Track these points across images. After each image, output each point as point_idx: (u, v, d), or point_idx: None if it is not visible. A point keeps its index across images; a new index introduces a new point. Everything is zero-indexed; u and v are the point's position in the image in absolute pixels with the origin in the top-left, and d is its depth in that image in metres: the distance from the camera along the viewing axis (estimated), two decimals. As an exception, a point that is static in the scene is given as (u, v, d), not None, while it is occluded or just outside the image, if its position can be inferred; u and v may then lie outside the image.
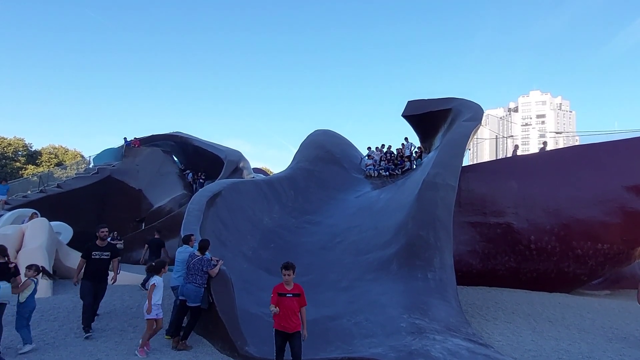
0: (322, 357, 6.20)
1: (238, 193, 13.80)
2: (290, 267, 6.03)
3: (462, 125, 16.21)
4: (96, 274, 7.88)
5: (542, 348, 8.00)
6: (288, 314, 5.79)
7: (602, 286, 18.95)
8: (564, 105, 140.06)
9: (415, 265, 10.31)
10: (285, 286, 6.02)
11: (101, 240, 8.15)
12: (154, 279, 6.99)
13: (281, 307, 5.77)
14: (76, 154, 44.34)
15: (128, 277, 13.97)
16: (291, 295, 5.94)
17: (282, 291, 5.96)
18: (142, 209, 25.31)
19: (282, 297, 5.85)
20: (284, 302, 5.82)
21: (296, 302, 5.91)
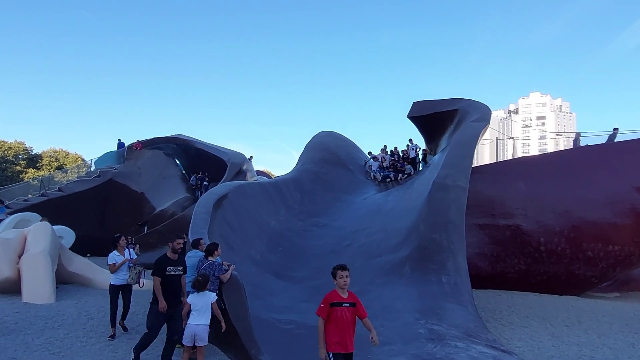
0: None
1: (244, 195, 13.54)
2: (347, 268, 4.93)
3: (471, 125, 15.99)
4: (172, 294, 6.49)
5: (565, 354, 7.73)
6: (346, 328, 4.70)
7: (612, 288, 18.68)
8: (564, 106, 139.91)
9: (429, 269, 10.05)
10: (341, 294, 4.81)
11: (173, 253, 6.76)
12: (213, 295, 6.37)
13: (335, 321, 4.65)
14: (77, 157, 44.07)
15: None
16: (347, 304, 4.77)
17: (337, 300, 4.73)
18: (145, 212, 25.05)
19: (336, 308, 4.68)
20: (338, 314, 4.67)
21: (352, 314, 4.79)
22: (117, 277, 8.15)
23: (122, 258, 8.26)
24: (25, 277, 10.69)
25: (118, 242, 8.44)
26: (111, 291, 8.11)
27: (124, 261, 8.23)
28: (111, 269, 8.11)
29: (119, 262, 8.15)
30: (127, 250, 8.44)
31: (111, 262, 8.17)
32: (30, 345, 6.79)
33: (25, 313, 8.96)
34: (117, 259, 8.19)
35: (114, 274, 8.12)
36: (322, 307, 4.72)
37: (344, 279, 4.82)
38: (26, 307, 9.63)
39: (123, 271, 8.15)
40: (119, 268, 8.17)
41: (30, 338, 7.17)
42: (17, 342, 6.93)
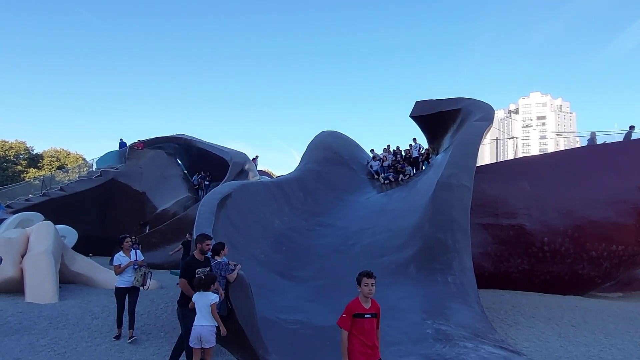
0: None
1: (248, 195, 13.47)
2: (374, 275, 4.56)
3: (474, 125, 15.92)
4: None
5: (573, 355, 7.68)
6: (370, 338, 4.37)
7: (614, 288, 18.63)
8: (564, 106, 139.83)
9: (435, 269, 10.00)
10: (363, 303, 4.47)
11: (201, 254, 6.67)
12: (215, 296, 5.95)
13: (357, 332, 4.32)
14: (78, 157, 44.01)
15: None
16: (370, 316, 4.44)
17: (360, 311, 4.39)
18: (146, 211, 24.98)
19: (359, 320, 4.34)
20: (362, 326, 4.34)
21: (375, 325, 4.50)
22: (123, 279, 7.88)
23: (128, 259, 8.02)
24: (28, 276, 10.64)
25: (123, 243, 8.20)
26: (117, 293, 7.86)
27: (130, 263, 8.00)
28: (116, 271, 7.85)
29: (124, 264, 7.92)
30: (132, 251, 8.22)
31: (116, 263, 7.93)
32: (35, 345, 6.74)
33: (29, 313, 8.90)
34: (123, 261, 7.96)
35: (120, 275, 7.86)
36: (343, 317, 4.35)
37: (369, 287, 4.47)
38: (30, 307, 9.58)
39: (128, 273, 7.89)
40: (125, 270, 7.95)
41: (35, 338, 7.11)
42: (22, 342, 6.88)
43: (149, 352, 6.71)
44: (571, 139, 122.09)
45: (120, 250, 8.07)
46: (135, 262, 8.08)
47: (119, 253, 7.98)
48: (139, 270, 7.97)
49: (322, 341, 7.48)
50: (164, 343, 7.27)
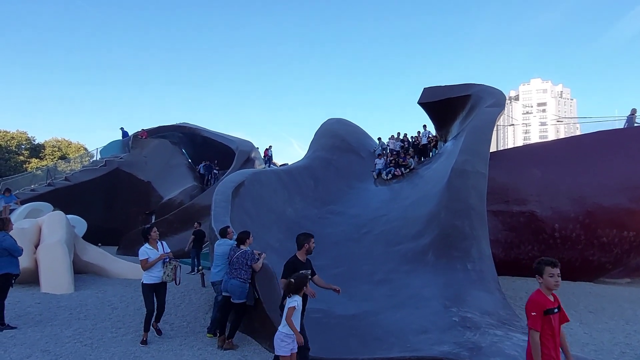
0: (383, 356, 5.79)
1: (260, 183, 13.36)
2: (558, 264, 3.79)
3: (486, 111, 15.76)
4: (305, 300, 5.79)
5: (598, 341, 7.64)
6: (557, 340, 3.68)
7: (622, 274, 18.60)
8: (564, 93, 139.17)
9: (453, 256, 9.91)
10: (547, 296, 3.72)
11: (305, 254, 6.18)
12: (293, 299, 5.17)
13: (550, 333, 3.61)
14: (80, 146, 43.71)
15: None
16: (557, 310, 3.76)
17: (549, 306, 3.67)
18: (152, 201, 24.85)
19: (549, 316, 3.64)
20: (551, 323, 3.64)
21: (560, 322, 3.80)
22: (151, 275, 6.97)
23: (155, 252, 7.09)
24: (43, 267, 10.55)
25: (149, 234, 7.22)
26: (145, 291, 6.99)
27: (161, 257, 7.08)
28: (143, 265, 6.92)
29: (153, 258, 7.00)
30: (159, 243, 7.29)
31: (143, 257, 6.94)
32: (59, 336, 6.66)
33: (47, 304, 8.83)
34: (151, 254, 7.01)
35: (147, 271, 6.97)
36: (534, 316, 3.60)
37: (555, 279, 3.68)
38: (46, 297, 9.50)
39: (157, 267, 6.99)
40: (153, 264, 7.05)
41: (59, 329, 7.03)
42: (46, 333, 6.79)
43: (175, 342, 6.64)
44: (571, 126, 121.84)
45: (146, 242, 7.16)
46: (166, 255, 7.21)
47: (145, 245, 7.05)
48: (169, 264, 7.12)
49: (348, 331, 7.43)
50: (188, 333, 7.20)
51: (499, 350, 5.43)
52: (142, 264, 6.92)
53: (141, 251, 6.95)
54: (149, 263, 6.89)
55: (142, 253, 6.93)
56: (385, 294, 9.25)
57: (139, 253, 6.96)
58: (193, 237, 15.12)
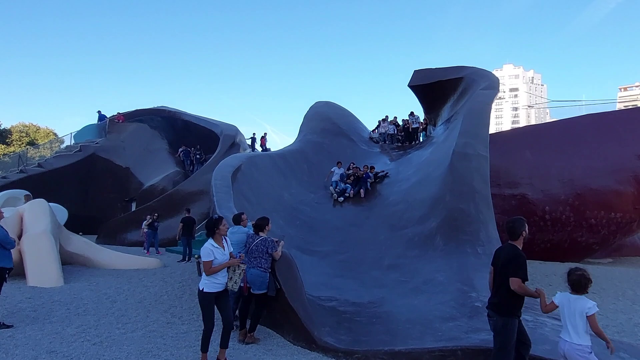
0: (418, 346, 5.50)
1: (256, 168, 12.86)
2: None
3: (482, 94, 15.60)
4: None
5: (618, 323, 7.63)
6: None
7: (604, 254, 19.13)
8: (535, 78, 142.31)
9: (462, 240, 9.74)
10: None
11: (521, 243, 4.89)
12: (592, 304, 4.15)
13: None
14: (49, 132, 41.59)
15: (139, 261, 12.95)
16: None
17: None
18: (132, 188, 23.88)
19: None
20: None
21: None
22: (214, 281, 5.23)
23: (222, 252, 5.32)
24: (28, 259, 9.80)
25: (219, 227, 5.36)
26: (204, 301, 5.25)
27: (232, 263, 5.38)
28: (208, 269, 5.17)
29: (220, 261, 5.25)
30: (224, 239, 5.49)
31: (208, 257, 5.19)
32: (63, 334, 6.08)
33: (38, 298, 8.17)
34: (217, 254, 5.25)
35: (210, 276, 5.22)
36: None
37: None
38: (36, 291, 8.82)
39: (221, 272, 5.29)
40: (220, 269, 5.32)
41: (60, 327, 6.44)
42: (46, 331, 6.20)
43: (191, 337, 6.17)
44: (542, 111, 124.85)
45: (210, 237, 5.36)
46: (240, 260, 5.63)
47: (209, 242, 5.31)
48: (238, 268, 5.55)
49: (369, 319, 7.13)
50: (202, 326, 6.70)
51: (544, 337, 5.24)
52: (206, 267, 5.19)
53: (205, 250, 5.26)
54: (214, 267, 5.19)
55: (206, 252, 5.23)
56: (397, 280, 9.00)
57: (203, 253, 5.26)
58: (182, 224, 14.48)
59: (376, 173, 14.92)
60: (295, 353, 5.78)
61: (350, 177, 14.55)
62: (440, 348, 5.21)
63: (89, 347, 5.61)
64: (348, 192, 13.93)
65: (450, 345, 5.23)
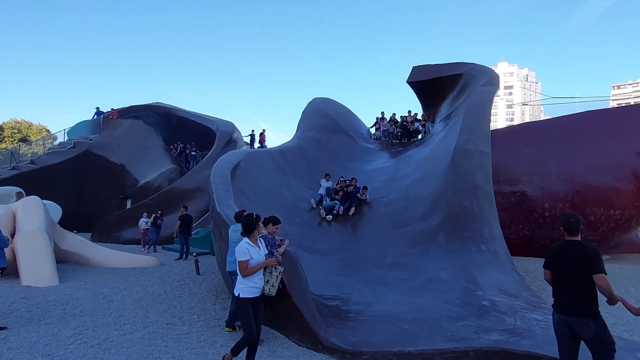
0: (429, 347, 5.33)
1: (255, 164, 12.65)
2: None
3: (482, 90, 15.49)
4: None
5: (625, 321, 7.53)
6: None
7: (602, 252, 19.05)
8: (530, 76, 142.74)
9: (466, 237, 9.62)
10: None
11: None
12: None
13: None
14: (41, 128, 41.01)
15: (135, 259, 12.73)
16: None
17: None
18: (126, 185, 23.55)
19: None
20: None
21: None
22: (251, 285, 4.80)
23: (258, 252, 4.90)
24: (22, 257, 9.54)
25: (257, 225, 5.05)
26: (243, 308, 4.78)
27: (269, 263, 5.01)
28: (244, 270, 4.72)
29: (257, 261, 4.83)
30: (259, 240, 5.12)
31: (244, 257, 4.73)
32: (59, 337, 5.86)
33: (33, 298, 7.93)
34: (253, 254, 4.82)
35: (246, 278, 4.79)
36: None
37: None
38: (30, 291, 8.57)
39: (258, 275, 4.90)
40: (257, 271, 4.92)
41: (56, 328, 6.22)
42: (42, 333, 5.97)
43: (193, 339, 5.97)
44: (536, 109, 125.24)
45: (247, 235, 4.91)
46: (277, 259, 5.26)
47: (245, 240, 4.86)
48: (274, 269, 5.22)
49: (374, 318, 6.96)
50: (204, 327, 6.55)
51: (558, 338, 5.06)
52: (242, 267, 4.72)
53: (241, 249, 4.76)
54: (251, 268, 4.75)
55: (242, 251, 4.74)
56: (400, 278, 8.85)
57: (239, 252, 4.76)
58: (179, 222, 14.25)
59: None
60: (301, 355, 5.61)
61: (338, 193, 12.95)
62: (452, 349, 5.06)
63: (86, 349, 5.40)
64: (337, 209, 12.42)
65: (462, 346, 5.08)
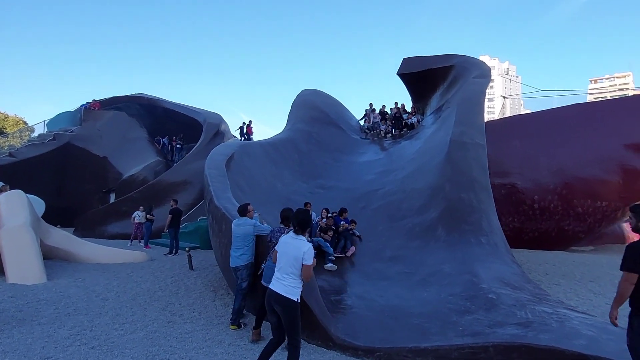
0: (444, 343, 5.22)
1: (249, 157, 12.38)
2: None
3: (474, 82, 15.45)
4: None
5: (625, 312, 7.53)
6: None
7: (586, 242, 19.44)
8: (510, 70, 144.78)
9: (465, 230, 9.57)
10: None
11: None
12: None
13: None
14: (18, 120, 39.57)
15: (124, 254, 12.33)
16: None
17: None
18: (109, 178, 22.91)
19: None
20: None
21: None
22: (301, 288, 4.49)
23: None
24: (7, 254, 9.09)
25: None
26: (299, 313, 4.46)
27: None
28: (310, 274, 4.40)
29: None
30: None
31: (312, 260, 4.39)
32: (55, 338, 5.54)
33: (22, 297, 7.53)
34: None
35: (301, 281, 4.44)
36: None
37: None
38: (18, 289, 8.15)
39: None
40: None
41: (51, 328, 5.89)
42: (37, 334, 5.64)
43: (198, 337, 5.73)
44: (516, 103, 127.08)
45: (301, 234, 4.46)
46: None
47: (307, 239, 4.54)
48: None
49: (381, 313, 6.84)
50: (207, 325, 6.31)
51: (576, 331, 5.02)
52: (309, 271, 4.36)
53: (312, 251, 4.37)
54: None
55: (312, 253, 4.36)
56: (401, 272, 8.74)
57: (310, 254, 4.32)
58: (170, 216, 13.87)
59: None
60: (312, 352, 5.44)
61: (328, 232, 9.86)
62: (471, 345, 4.95)
63: (87, 351, 5.12)
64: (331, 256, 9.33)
65: (481, 342, 4.97)
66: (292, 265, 4.31)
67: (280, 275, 4.37)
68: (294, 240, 4.42)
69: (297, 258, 4.29)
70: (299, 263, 4.30)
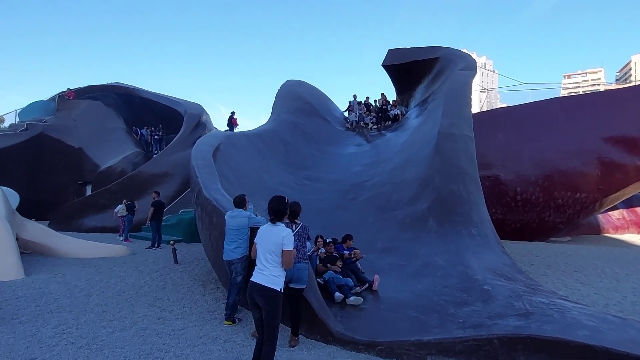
0: (447, 336, 5.15)
1: (235, 147, 12.10)
2: None
3: (460, 74, 15.45)
4: None
5: (617, 302, 7.69)
6: None
7: (564, 233, 19.88)
8: (487, 64, 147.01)
9: (455, 221, 9.54)
10: None
11: None
12: None
13: None
14: (-15, 108, 38.10)
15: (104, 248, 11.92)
16: None
17: None
18: (85, 170, 22.17)
19: None
20: None
21: None
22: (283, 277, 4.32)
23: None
24: (-19, 249, 8.61)
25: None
26: (280, 303, 4.24)
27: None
28: (291, 260, 4.26)
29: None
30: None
31: (293, 245, 4.31)
32: (40, 337, 5.23)
33: (0, 294, 7.13)
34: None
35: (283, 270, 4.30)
36: None
37: None
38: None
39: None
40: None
41: (33, 327, 5.56)
42: (19, 334, 5.31)
43: (192, 334, 5.50)
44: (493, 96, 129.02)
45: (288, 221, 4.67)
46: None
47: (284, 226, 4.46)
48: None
49: (377, 305, 6.74)
50: (200, 321, 6.08)
51: (578, 322, 5.01)
52: (290, 257, 4.25)
53: (291, 235, 4.33)
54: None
55: (292, 238, 4.33)
56: (394, 264, 8.66)
57: (290, 238, 4.26)
58: (152, 208, 13.47)
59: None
60: (311, 347, 5.29)
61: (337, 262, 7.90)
62: (475, 337, 4.88)
63: (75, 351, 4.83)
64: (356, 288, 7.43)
65: (485, 334, 4.91)
66: (272, 252, 4.17)
67: (260, 266, 4.21)
68: (272, 227, 4.31)
69: (277, 243, 4.17)
70: (278, 249, 4.16)
